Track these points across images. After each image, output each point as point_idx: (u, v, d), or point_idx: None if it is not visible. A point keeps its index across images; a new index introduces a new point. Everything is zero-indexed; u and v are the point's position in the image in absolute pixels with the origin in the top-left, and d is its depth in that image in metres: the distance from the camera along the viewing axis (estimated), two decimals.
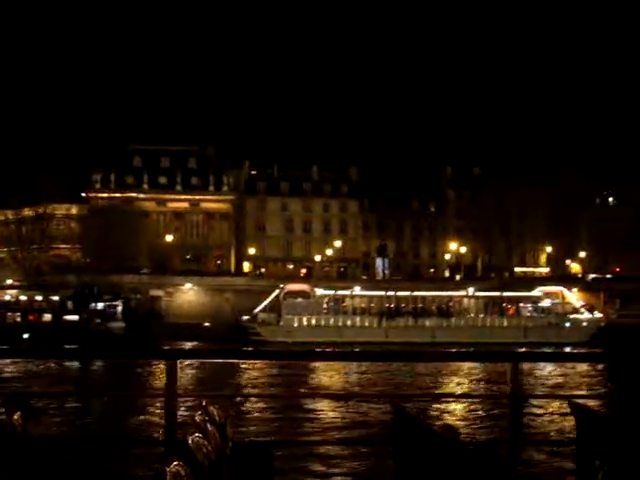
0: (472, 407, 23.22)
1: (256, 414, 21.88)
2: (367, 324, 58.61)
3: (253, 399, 24.95)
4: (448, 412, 22.19)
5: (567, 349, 54.93)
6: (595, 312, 61.23)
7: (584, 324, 59.37)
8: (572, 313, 60.15)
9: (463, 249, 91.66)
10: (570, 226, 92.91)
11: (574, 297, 61.33)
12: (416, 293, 60.12)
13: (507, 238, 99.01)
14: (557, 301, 60.79)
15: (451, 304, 60.25)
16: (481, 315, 59.64)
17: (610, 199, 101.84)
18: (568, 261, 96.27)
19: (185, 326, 59.92)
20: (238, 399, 24.13)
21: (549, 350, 50.67)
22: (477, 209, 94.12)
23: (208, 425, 4.02)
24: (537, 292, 60.92)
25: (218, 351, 11.53)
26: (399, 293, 60.11)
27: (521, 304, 60.71)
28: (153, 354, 7.82)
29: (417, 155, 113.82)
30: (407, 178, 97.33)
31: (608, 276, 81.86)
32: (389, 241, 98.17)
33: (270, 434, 18.58)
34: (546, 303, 60.52)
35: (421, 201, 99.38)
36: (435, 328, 58.50)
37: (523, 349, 50.04)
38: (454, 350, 19.40)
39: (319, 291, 59.99)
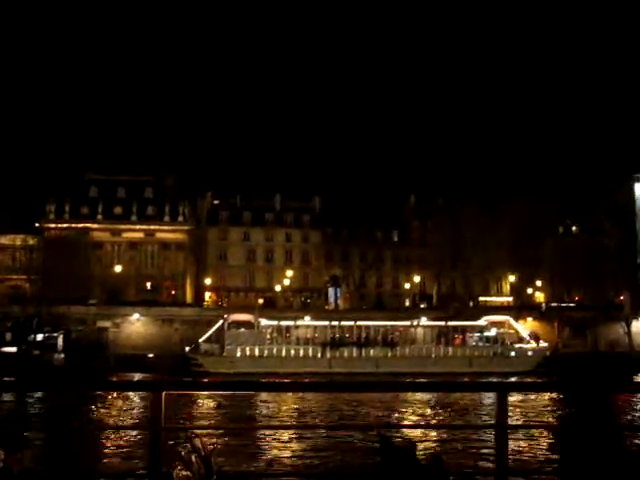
0: (452, 437, 23.22)
1: (242, 445, 21.85)
2: (311, 354, 58.22)
3: (239, 430, 25.07)
4: (431, 442, 22.19)
5: (512, 379, 54.91)
6: (541, 341, 61.10)
7: (529, 353, 59.28)
8: (517, 342, 59.99)
9: (417, 278, 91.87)
10: (533, 255, 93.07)
11: (520, 326, 61.31)
12: (360, 323, 59.89)
13: (469, 267, 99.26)
14: (502, 330, 60.63)
15: (396, 334, 60.00)
16: (426, 345, 59.36)
17: (573, 227, 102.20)
18: (530, 290, 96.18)
19: (130, 357, 59.47)
20: (224, 431, 24.09)
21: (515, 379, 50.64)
22: (439, 238, 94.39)
23: (193, 458, 3.99)
24: (482, 321, 60.78)
25: (205, 383, 11.75)
26: (343, 323, 59.87)
27: (467, 334, 60.54)
28: (138, 386, 7.31)
29: (381, 184, 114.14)
30: (370, 207, 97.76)
31: (563, 305, 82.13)
32: (352, 271, 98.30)
33: (256, 466, 18.76)
34: (492, 332, 60.38)
35: (384, 230, 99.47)
36: (379, 358, 58.24)
37: (466, 379, 50.06)
38: (438, 381, 19.20)
39: (263, 321, 59.66)
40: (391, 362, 57.54)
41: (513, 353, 59.02)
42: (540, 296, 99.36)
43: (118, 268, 70.77)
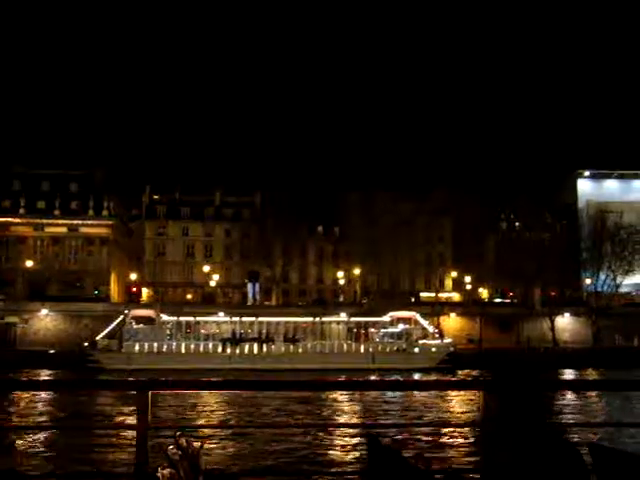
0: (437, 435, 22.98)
1: (229, 444, 21.56)
2: (211, 350, 57.71)
3: (226, 429, 24.94)
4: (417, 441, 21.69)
5: (416, 375, 54.55)
6: (445, 338, 60.71)
7: (433, 349, 58.86)
8: (422, 338, 59.59)
9: (357, 271, 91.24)
10: (475, 251, 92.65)
11: (426, 322, 60.81)
12: (262, 319, 59.39)
13: (413, 262, 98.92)
14: (407, 326, 60.23)
15: (301, 330, 59.57)
16: (329, 341, 58.91)
17: (517, 223, 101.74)
18: (469, 286, 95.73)
19: (34, 353, 58.90)
20: (211, 429, 24.18)
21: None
22: (380, 233, 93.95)
23: (179, 457, 3.96)
24: (387, 317, 60.37)
25: (192, 382, 11.15)
26: (244, 319, 59.38)
27: (370, 330, 60.13)
28: (124, 385, 6.79)
29: (323, 179, 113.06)
30: (311, 203, 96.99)
31: (488, 301, 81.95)
32: (292, 266, 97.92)
33: (243, 464, 18.49)
34: (397, 329, 59.96)
35: (325, 226, 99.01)
36: (281, 354, 57.81)
37: (374, 377, 49.66)
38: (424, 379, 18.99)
39: (164, 317, 59.10)
40: (293, 358, 57.08)
41: (417, 349, 58.61)
42: (484, 292, 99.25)
43: (38, 263, 70.12)
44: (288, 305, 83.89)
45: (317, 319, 59.44)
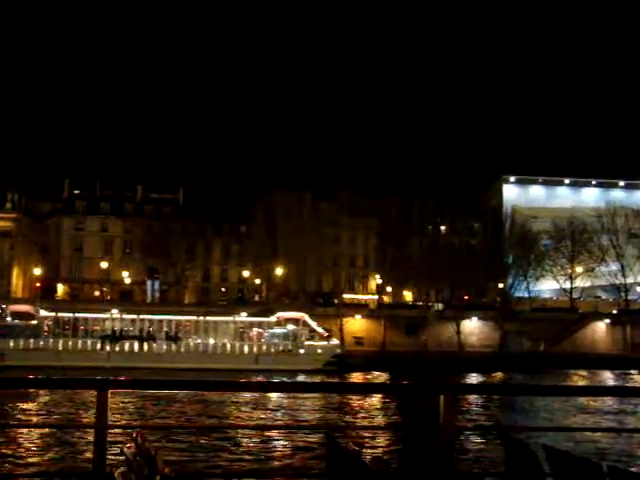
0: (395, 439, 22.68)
1: (188, 445, 21.23)
2: (90, 348, 56.53)
3: (185, 430, 24.69)
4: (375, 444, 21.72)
5: (300, 377, 53.90)
6: (332, 339, 60.16)
7: (319, 351, 58.24)
8: (309, 340, 58.98)
9: (280, 271, 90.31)
10: (401, 253, 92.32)
11: (314, 323, 60.18)
12: (143, 317, 58.39)
13: (337, 264, 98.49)
14: (294, 327, 59.54)
15: (181, 328, 58.62)
16: (213, 341, 58.03)
17: (442, 227, 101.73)
18: (389, 288, 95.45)
19: None
20: (170, 430, 23.91)
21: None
22: (301, 234, 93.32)
23: (137, 458, 3.89)
24: (274, 318, 59.67)
25: (150, 381, 11.42)
26: (125, 316, 58.33)
27: (255, 330, 59.40)
28: (83, 384, 6.62)
29: (248, 177, 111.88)
30: (237, 201, 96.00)
31: (394, 304, 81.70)
32: (215, 265, 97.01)
33: (202, 466, 18.34)
34: (284, 329, 59.26)
35: (250, 224, 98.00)
36: (162, 353, 56.85)
37: (259, 377, 48.81)
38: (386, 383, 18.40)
39: (42, 312, 57.81)
40: (175, 357, 56.18)
41: (302, 350, 57.94)
42: (408, 295, 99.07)
43: None
44: (206, 303, 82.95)
45: (200, 318, 58.52)
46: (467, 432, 22.05)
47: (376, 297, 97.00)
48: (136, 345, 56.77)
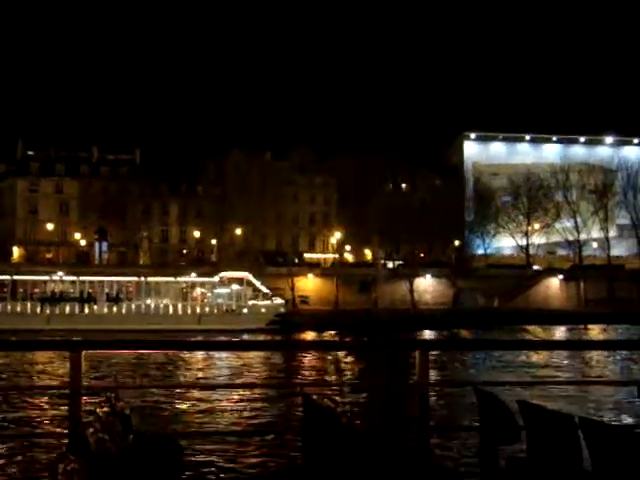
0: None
1: (164, 405, 21.09)
2: (29, 311, 55.95)
3: (161, 390, 24.22)
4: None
5: (245, 336, 53.71)
6: (276, 298, 59.90)
7: (262, 310, 58.04)
8: (252, 299, 58.73)
9: (240, 231, 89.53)
10: (360, 211, 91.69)
11: (258, 282, 59.87)
12: (83, 278, 57.76)
13: (297, 223, 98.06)
14: (237, 287, 59.23)
15: (122, 290, 58.12)
16: (154, 301, 57.60)
17: (403, 185, 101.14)
18: (348, 247, 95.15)
19: None
20: (146, 390, 23.16)
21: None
22: (257, 193, 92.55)
23: (111, 418, 3.83)
24: (216, 278, 59.27)
25: (124, 341, 11.60)
26: (65, 278, 57.69)
27: (198, 290, 59.04)
28: (56, 345, 6.78)
29: (204, 138, 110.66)
30: (192, 161, 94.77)
31: (348, 262, 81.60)
32: (172, 226, 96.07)
33: (178, 425, 18.33)
34: (226, 289, 58.94)
35: (206, 185, 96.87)
36: (102, 315, 56.41)
37: (200, 338, 48.54)
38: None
39: None
40: (115, 319, 55.74)
41: (245, 310, 57.73)
42: (369, 253, 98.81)
43: None
44: (165, 264, 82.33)
45: (142, 279, 57.99)
46: (440, 387, 21.99)
47: (336, 256, 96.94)
48: (76, 307, 56.23)
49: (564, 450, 3.84)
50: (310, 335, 58.55)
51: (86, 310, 56.43)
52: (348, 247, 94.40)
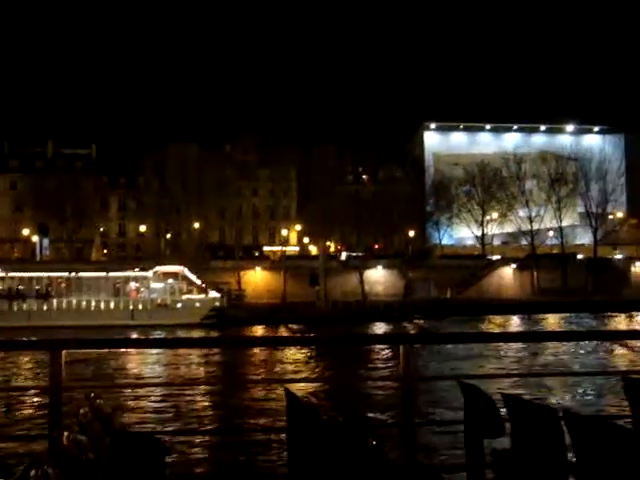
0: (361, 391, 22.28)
1: (148, 404, 20.99)
2: None
3: (145, 388, 24.10)
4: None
5: (180, 332, 53.01)
6: (211, 292, 59.15)
7: (197, 305, 57.34)
8: (187, 294, 58.01)
9: (197, 225, 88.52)
10: (322, 204, 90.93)
11: (194, 277, 59.13)
12: (12, 274, 56.98)
13: (256, 215, 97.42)
14: (172, 281, 58.50)
15: (53, 286, 57.34)
16: (86, 296, 56.82)
17: (364, 176, 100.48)
18: (307, 239, 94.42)
19: None
20: (129, 389, 23.26)
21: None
22: (223, 186, 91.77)
23: (91, 418, 3.72)
24: (151, 272, 58.52)
25: (107, 340, 11.50)
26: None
27: (132, 285, 58.27)
28: (35, 345, 6.34)
29: (161, 130, 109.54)
30: (149, 154, 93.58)
31: (298, 255, 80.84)
32: (130, 221, 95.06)
33: (161, 423, 18.17)
34: (161, 284, 58.19)
35: (161, 179, 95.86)
36: (32, 311, 55.65)
37: (135, 334, 47.83)
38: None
39: None
40: (46, 315, 55.05)
41: (179, 305, 57.01)
42: (331, 245, 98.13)
43: None
44: (121, 259, 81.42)
45: (72, 274, 57.22)
46: (424, 381, 21.66)
47: (297, 249, 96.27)
48: (4, 304, 55.46)
49: (548, 442, 3.87)
50: (257, 330, 57.94)
51: (15, 307, 55.60)
52: (306, 240, 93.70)
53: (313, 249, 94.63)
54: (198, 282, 59.12)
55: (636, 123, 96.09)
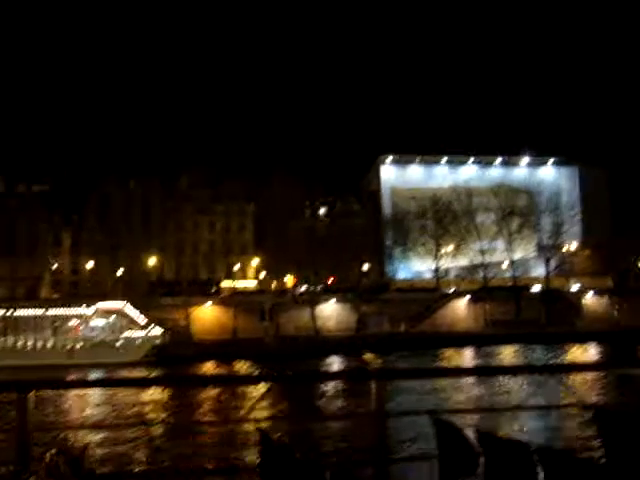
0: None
1: (117, 445, 20.75)
2: None
3: (113, 429, 24.00)
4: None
5: (120, 371, 51.83)
6: (154, 329, 58.14)
7: (137, 342, 56.27)
8: (128, 331, 56.98)
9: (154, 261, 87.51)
10: (279, 239, 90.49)
11: (136, 313, 58.16)
12: None
13: (213, 250, 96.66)
14: (114, 318, 57.46)
15: None
16: (18, 335, 55.52)
17: (321, 210, 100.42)
18: (263, 274, 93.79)
19: None
20: (98, 429, 22.97)
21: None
22: (179, 221, 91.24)
23: (58, 462, 3.73)
24: (91, 309, 57.47)
25: (74, 381, 11.76)
26: None
27: (74, 322, 57.15)
28: (1, 386, 5.24)
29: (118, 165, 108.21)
30: (94, 189, 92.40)
31: (247, 291, 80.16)
32: (87, 256, 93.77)
33: (131, 465, 18.14)
34: (101, 321, 57.11)
35: (123, 214, 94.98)
36: None
37: (73, 377, 46.55)
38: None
39: None
40: None
41: (120, 343, 55.90)
42: (289, 280, 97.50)
43: None
44: (73, 296, 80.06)
45: (8, 313, 55.98)
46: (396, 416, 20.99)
47: (255, 283, 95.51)
48: None
49: (521, 478, 3.88)
50: (207, 366, 56.98)
51: None
52: (262, 274, 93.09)
53: (274, 284, 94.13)
54: (140, 319, 58.10)
55: (590, 155, 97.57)
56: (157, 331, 57.95)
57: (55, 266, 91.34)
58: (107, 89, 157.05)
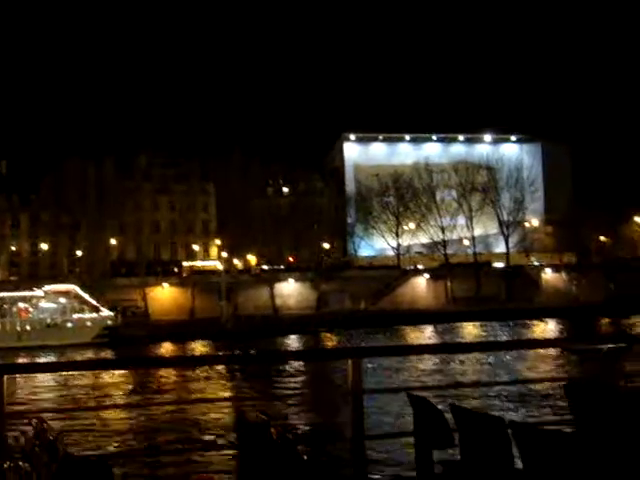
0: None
1: (94, 427, 20.43)
2: None
3: (90, 411, 23.26)
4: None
5: (70, 352, 51.12)
6: (103, 310, 57.39)
7: (88, 324, 55.51)
8: (79, 313, 56.18)
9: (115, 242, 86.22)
10: (241, 218, 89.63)
11: (87, 296, 57.34)
12: None
13: (174, 230, 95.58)
14: (64, 300, 56.61)
15: None
16: None
17: (284, 189, 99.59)
18: (225, 254, 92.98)
19: None
20: (77, 413, 22.58)
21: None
22: (138, 201, 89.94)
23: (34, 446, 3.67)
24: (40, 292, 56.55)
25: (50, 364, 11.24)
26: None
27: (24, 305, 56.20)
28: None
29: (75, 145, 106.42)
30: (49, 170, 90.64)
31: (207, 270, 79.56)
32: (45, 238, 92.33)
33: (106, 446, 17.87)
34: (50, 303, 56.23)
35: (81, 194, 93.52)
36: None
37: (23, 359, 45.68)
38: None
39: None
40: None
41: (69, 324, 55.13)
42: (252, 259, 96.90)
43: None
44: (33, 277, 78.83)
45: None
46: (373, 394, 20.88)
47: (218, 263, 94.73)
48: None
49: (496, 452, 3.92)
50: (165, 347, 56.46)
51: None
52: (224, 254, 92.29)
53: (238, 263, 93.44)
54: (91, 300, 57.37)
55: (553, 132, 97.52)
56: (109, 312, 57.20)
57: (13, 248, 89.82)
58: (62, 69, 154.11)
